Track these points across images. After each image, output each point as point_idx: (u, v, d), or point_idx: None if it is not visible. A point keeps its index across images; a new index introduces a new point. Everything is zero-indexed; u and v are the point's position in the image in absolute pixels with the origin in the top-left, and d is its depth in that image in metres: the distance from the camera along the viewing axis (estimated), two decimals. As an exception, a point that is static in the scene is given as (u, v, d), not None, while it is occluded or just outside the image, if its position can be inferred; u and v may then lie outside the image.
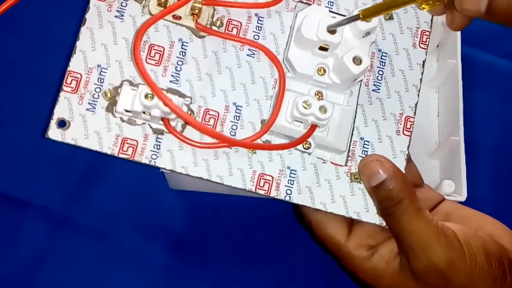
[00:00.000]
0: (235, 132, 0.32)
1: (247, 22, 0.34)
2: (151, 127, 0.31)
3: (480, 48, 0.44)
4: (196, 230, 0.41)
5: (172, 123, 0.31)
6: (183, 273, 0.40)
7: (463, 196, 0.37)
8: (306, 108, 0.31)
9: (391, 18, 0.35)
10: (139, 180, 0.41)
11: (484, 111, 0.45)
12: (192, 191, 0.41)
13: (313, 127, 0.32)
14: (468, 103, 0.40)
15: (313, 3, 0.34)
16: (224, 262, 0.40)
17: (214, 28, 0.33)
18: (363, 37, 0.33)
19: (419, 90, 0.35)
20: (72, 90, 0.31)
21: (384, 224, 0.32)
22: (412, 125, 0.34)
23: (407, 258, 0.30)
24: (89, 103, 0.31)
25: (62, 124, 0.31)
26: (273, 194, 0.32)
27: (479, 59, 0.46)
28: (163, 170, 0.35)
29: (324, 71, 0.33)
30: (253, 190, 0.32)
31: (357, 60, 0.31)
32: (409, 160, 0.34)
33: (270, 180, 0.32)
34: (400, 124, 0.34)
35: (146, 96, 0.30)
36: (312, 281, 0.40)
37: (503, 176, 0.44)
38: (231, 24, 0.33)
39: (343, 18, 0.32)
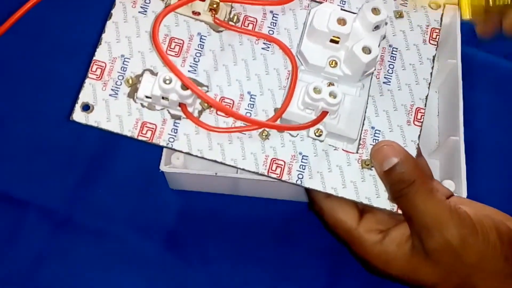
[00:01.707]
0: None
1: (262, 19, 0.35)
2: (169, 112, 0.33)
3: (480, 48, 0.44)
4: (196, 230, 0.41)
5: (189, 109, 0.33)
6: (183, 273, 0.40)
7: (463, 196, 0.37)
8: (316, 93, 0.32)
9: (401, 16, 0.37)
10: (139, 180, 0.42)
11: (484, 111, 0.45)
12: (192, 191, 0.41)
13: (324, 113, 0.33)
14: (468, 103, 0.39)
15: (325, 1, 0.36)
16: (224, 262, 0.40)
17: (231, 23, 0.35)
18: (373, 30, 0.34)
19: (429, 84, 0.36)
20: (96, 77, 0.33)
21: (395, 209, 0.33)
22: (422, 116, 0.35)
23: (419, 238, 0.31)
24: (112, 89, 0.33)
25: (86, 108, 0.32)
26: (285, 177, 0.33)
27: (479, 59, 0.45)
28: (163, 171, 0.37)
29: (336, 63, 0.34)
30: (265, 173, 0.33)
31: (366, 50, 0.33)
32: (419, 153, 0.34)
33: (282, 165, 0.33)
34: (411, 115, 0.35)
35: (164, 80, 0.31)
36: (312, 281, 0.40)
37: (503, 176, 0.43)
38: (247, 20, 0.35)
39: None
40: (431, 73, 0.36)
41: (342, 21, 0.33)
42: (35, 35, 0.46)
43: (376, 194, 0.33)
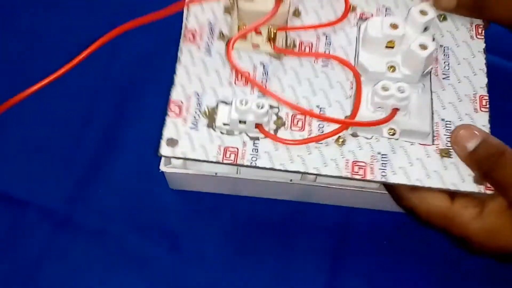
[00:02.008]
0: (322, 130, 0.35)
1: (316, 41, 0.38)
2: (247, 135, 0.35)
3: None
4: (195, 230, 0.41)
5: (265, 128, 0.35)
6: (183, 273, 0.40)
7: None
8: (385, 90, 0.34)
9: (445, 19, 0.39)
10: (139, 180, 0.42)
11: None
12: (192, 191, 0.42)
13: (395, 110, 0.34)
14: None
15: (371, 17, 0.39)
16: (224, 262, 0.40)
17: (289, 49, 0.38)
18: (423, 31, 0.36)
19: (486, 72, 0.37)
20: (176, 115, 0.35)
21: (482, 190, 0.33)
22: (487, 102, 0.36)
23: None
24: (192, 123, 0.35)
25: (171, 142, 0.35)
26: (369, 177, 0.34)
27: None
28: (163, 171, 0.37)
29: (394, 68, 0.36)
30: (349, 176, 0.34)
31: (423, 46, 0.35)
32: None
33: (364, 166, 0.34)
34: (476, 103, 0.36)
35: (241, 103, 0.34)
36: (312, 281, 0.40)
37: None
38: (303, 44, 0.38)
39: None
40: (486, 64, 0.37)
41: (394, 26, 0.35)
42: (34, 35, 0.47)
43: (461, 179, 0.33)
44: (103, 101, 0.46)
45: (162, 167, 0.39)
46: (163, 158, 0.39)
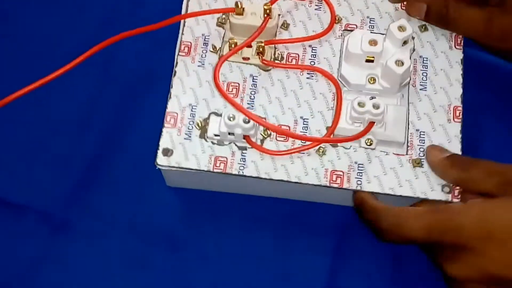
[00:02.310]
0: (305, 141, 0.38)
1: (303, 53, 0.41)
2: (236, 145, 0.38)
3: (480, 48, 0.42)
4: (195, 229, 0.41)
5: (252, 139, 0.38)
6: (183, 273, 0.40)
7: None
8: (361, 107, 0.36)
9: (426, 29, 0.41)
10: (137, 183, 0.42)
11: (484, 111, 0.44)
12: (191, 189, 0.42)
13: (371, 123, 0.37)
14: (468, 103, 0.39)
15: (356, 28, 0.41)
16: (223, 261, 0.41)
17: (276, 62, 0.40)
18: (402, 45, 0.39)
19: (462, 83, 0.39)
20: (171, 126, 0.39)
21: (449, 199, 0.36)
22: (460, 113, 0.38)
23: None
24: (185, 133, 0.38)
25: (166, 152, 0.38)
26: (345, 185, 0.37)
27: (479, 59, 0.45)
28: (160, 168, 0.38)
29: (374, 79, 0.39)
30: (328, 184, 0.37)
31: (399, 63, 0.37)
32: None
33: (341, 175, 0.37)
34: (450, 113, 0.38)
35: (229, 118, 0.37)
36: (312, 281, 0.40)
37: None
38: (290, 56, 0.41)
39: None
40: (462, 74, 0.40)
41: (373, 42, 0.38)
42: (32, 39, 0.47)
43: (430, 188, 0.36)
44: (101, 105, 0.45)
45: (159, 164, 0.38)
46: (160, 154, 0.38)
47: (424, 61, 0.40)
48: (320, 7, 0.42)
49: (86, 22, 0.48)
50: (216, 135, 0.38)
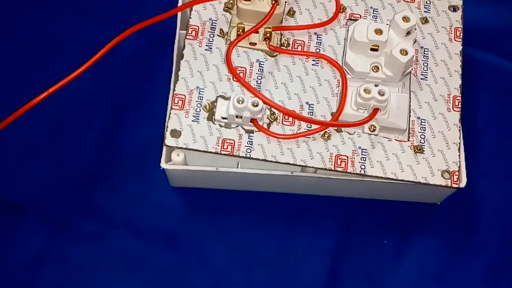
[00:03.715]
0: (311, 125, 0.39)
1: (308, 40, 0.41)
2: (243, 128, 0.39)
3: (480, 48, 0.44)
4: (196, 229, 0.42)
5: (260, 123, 0.39)
6: (183, 273, 0.41)
7: (462, 183, 0.39)
8: (366, 93, 0.37)
9: (427, 21, 0.42)
10: (138, 182, 0.43)
11: (484, 111, 0.45)
12: (191, 189, 0.42)
13: (376, 110, 0.38)
14: (469, 103, 0.40)
15: (360, 18, 0.42)
16: (224, 262, 0.41)
17: (283, 48, 0.41)
18: (406, 36, 0.40)
19: (461, 74, 0.41)
20: (179, 108, 0.39)
21: (449, 184, 0.37)
22: (459, 102, 0.40)
23: None
24: (193, 115, 0.39)
25: (174, 133, 0.38)
26: (349, 170, 0.38)
27: (480, 59, 0.46)
28: (164, 168, 0.39)
29: (378, 68, 0.40)
30: (332, 168, 0.38)
31: (403, 52, 0.38)
32: None
33: (345, 159, 0.38)
34: (449, 103, 0.40)
35: (238, 101, 0.37)
36: (312, 280, 0.41)
37: (503, 176, 0.44)
38: (296, 43, 0.41)
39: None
40: (461, 65, 0.41)
41: (379, 31, 0.39)
42: (32, 39, 0.47)
43: (431, 173, 0.38)
44: (101, 105, 0.46)
45: (163, 164, 0.39)
46: (163, 155, 0.39)
47: (425, 52, 0.41)
48: None
49: (86, 22, 0.49)
50: (223, 118, 0.39)
